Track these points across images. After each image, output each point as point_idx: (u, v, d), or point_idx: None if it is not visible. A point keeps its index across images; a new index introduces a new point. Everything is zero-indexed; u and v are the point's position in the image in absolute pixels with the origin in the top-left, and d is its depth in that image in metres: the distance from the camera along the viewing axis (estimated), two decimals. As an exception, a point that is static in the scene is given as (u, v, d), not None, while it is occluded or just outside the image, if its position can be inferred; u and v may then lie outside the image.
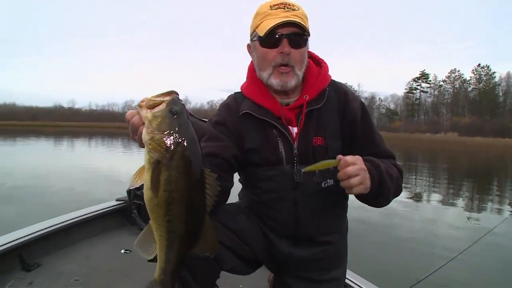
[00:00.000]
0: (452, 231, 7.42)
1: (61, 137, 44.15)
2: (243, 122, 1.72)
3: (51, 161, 17.96)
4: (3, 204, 8.20)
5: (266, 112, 1.69)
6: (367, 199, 1.59)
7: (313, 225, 1.72)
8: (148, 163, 1.06)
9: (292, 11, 1.61)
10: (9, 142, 32.45)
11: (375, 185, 1.51)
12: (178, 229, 1.12)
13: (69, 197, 8.69)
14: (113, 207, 3.98)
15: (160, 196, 1.07)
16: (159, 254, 1.15)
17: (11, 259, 2.79)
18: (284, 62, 1.62)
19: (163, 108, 1.06)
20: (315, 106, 1.68)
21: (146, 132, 1.06)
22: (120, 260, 3.14)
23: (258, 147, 1.69)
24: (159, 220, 1.10)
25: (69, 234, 3.42)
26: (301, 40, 1.63)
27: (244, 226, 1.73)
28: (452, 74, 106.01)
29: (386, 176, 1.56)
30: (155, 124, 1.05)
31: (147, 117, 1.06)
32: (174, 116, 1.06)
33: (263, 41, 1.64)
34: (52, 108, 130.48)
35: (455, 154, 35.30)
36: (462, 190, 13.62)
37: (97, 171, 13.56)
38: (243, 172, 1.84)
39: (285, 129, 1.67)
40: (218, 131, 1.71)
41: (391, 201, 1.68)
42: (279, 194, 1.69)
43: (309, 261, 1.76)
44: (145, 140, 1.07)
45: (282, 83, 1.65)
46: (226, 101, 1.84)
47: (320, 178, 1.68)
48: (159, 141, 1.05)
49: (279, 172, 1.67)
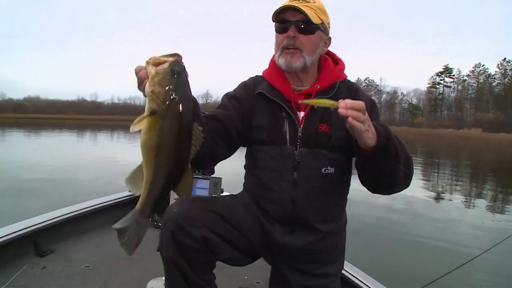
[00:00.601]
0: (474, 230, 7.31)
1: (84, 130, 45.02)
2: (256, 100, 1.83)
3: (74, 154, 18.32)
4: (27, 195, 8.43)
5: (278, 94, 1.80)
6: (372, 156, 1.48)
7: (310, 209, 1.76)
8: (147, 111, 1.22)
9: (305, 2, 1.71)
10: (33, 135, 33.15)
11: (382, 140, 1.45)
12: (163, 170, 1.28)
13: (92, 188, 8.85)
14: (126, 198, 4.08)
15: (153, 140, 1.23)
16: (143, 189, 1.30)
17: (26, 245, 2.93)
18: (290, 44, 1.73)
19: (165, 67, 1.22)
20: (323, 96, 1.73)
21: (148, 85, 1.23)
22: None
23: (265, 124, 1.79)
24: (149, 160, 1.26)
25: (82, 222, 3.54)
26: (308, 28, 1.72)
27: (241, 217, 1.82)
28: (477, 68, 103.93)
29: (395, 139, 1.52)
30: (157, 79, 1.21)
31: (151, 73, 1.22)
32: (173, 75, 1.22)
33: (276, 27, 1.78)
34: (75, 101, 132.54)
35: (478, 150, 34.68)
36: (485, 188, 13.38)
37: (118, 163, 13.73)
38: (247, 152, 1.94)
39: (292, 112, 1.76)
40: (230, 103, 1.84)
41: (400, 185, 1.59)
42: (280, 174, 1.76)
43: (304, 251, 1.79)
44: (147, 91, 1.23)
45: (287, 63, 1.74)
46: (245, 81, 1.96)
47: (321, 163, 1.73)
48: (158, 94, 1.21)
49: (282, 151, 1.76)
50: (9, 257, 2.78)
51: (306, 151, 1.73)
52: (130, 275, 2.79)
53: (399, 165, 1.52)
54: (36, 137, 31.18)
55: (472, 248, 5.50)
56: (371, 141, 1.42)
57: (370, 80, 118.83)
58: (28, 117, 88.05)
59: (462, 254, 5.39)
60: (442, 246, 6.05)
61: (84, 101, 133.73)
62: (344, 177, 1.83)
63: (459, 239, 6.51)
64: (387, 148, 1.46)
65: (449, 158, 25.18)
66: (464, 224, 7.77)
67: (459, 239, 6.47)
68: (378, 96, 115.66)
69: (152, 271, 2.58)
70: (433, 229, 7.11)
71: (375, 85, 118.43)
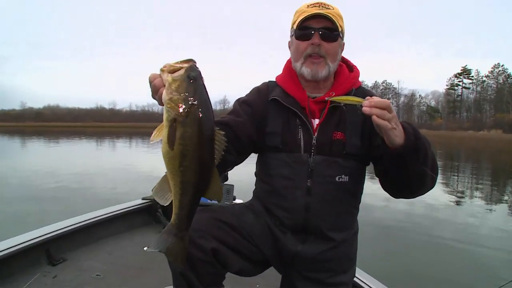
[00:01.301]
0: (498, 233, 7.15)
1: (102, 137, 45.47)
2: (270, 107, 1.81)
3: (93, 161, 18.55)
4: (46, 202, 8.57)
5: (293, 101, 1.78)
6: (403, 155, 1.43)
7: (323, 217, 1.73)
8: (166, 120, 1.20)
9: (326, 9, 1.70)
10: (53, 143, 33.64)
11: (410, 137, 1.42)
12: (190, 178, 1.25)
13: (111, 195, 8.93)
14: (139, 206, 4.09)
15: (176, 149, 1.20)
16: (174, 201, 1.28)
17: (38, 254, 2.96)
18: (315, 52, 1.71)
19: (181, 73, 1.19)
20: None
21: (166, 93, 1.20)
22: (141, 257, 3.23)
23: (279, 131, 1.77)
24: (174, 171, 1.24)
25: (95, 231, 3.56)
26: (332, 35, 1.71)
27: (251, 226, 1.79)
28: (496, 69, 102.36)
29: (424, 138, 1.49)
30: (174, 86, 1.19)
31: (168, 80, 1.20)
32: (190, 80, 1.19)
33: (297, 34, 1.75)
34: (94, 109, 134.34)
35: (499, 153, 34.04)
36: (507, 192, 13.10)
37: (137, 170, 13.84)
38: (259, 159, 1.90)
39: (307, 119, 1.74)
40: (242, 109, 1.81)
41: (425, 187, 1.55)
42: (293, 182, 1.73)
43: (317, 260, 1.76)
44: (164, 100, 1.20)
45: (313, 72, 1.72)
46: (258, 86, 1.94)
47: (335, 171, 1.71)
48: (177, 101, 1.18)
49: (296, 158, 1.73)
50: (22, 266, 2.81)
51: (320, 159, 1.70)
52: (141, 284, 2.79)
53: (426, 167, 1.49)
54: (56, 145, 31.63)
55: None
56: (398, 139, 1.39)
57: (388, 83, 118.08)
58: (47, 125, 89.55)
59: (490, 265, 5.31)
60: (460, 252, 5.93)
61: (103, 108, 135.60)
62: (357, 186, 1.81)
63: (481, 244, 6.37)
64: (416, 147, 1.43)
65: (469, 161, 24.77)
66: (487, 228, 7.61)
67: (481, 244, 6.34)
68: (396, 99, 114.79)
69: (163, 280, 2.59)
70: (453, 234, 6.97)
71: (393, 88, 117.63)
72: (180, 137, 1.19)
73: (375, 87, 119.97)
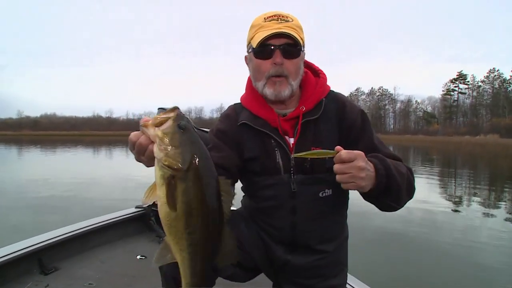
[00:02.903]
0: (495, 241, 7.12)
1: (99, 146, 45.37)
2: (242, 132, 1.75)
3: (89, 169, 18.48)
4: (41, 210, 8.53)
5: (263, 122, 1.72)
6: (374, 196, 1.48)
7: (310, 233, 1.72)
8: (162, 178, 1.06)
9: (285, 22, 1.62)
10: (49, 152, 33.56)
11: (382, 180, 1.42)
12: (199, 240, 1.12)
13: (107, 203, 8.85)
14: (132, 214, 4.08)
15: (179, 208, 1.07)
16: (182, 270, 1.14)
17: (30, 263, 2.94)
18: (278, 73, 1.64)
19: (171, 124, 1.07)
20: (311, 117, 1.69)
21: (158, 149, 1.07)
22: (134, 265, 3.23)
23: (257, 156, 1.72)
24: (179, 234, 1.10)
25: (88, 240, 3.54)
26: (294, 51, 1.64)
27: (242, 232, 1.78)
28: (491, 73, 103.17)
29: (395, 171, 1.47)
30: (167, 140, 1.06)
31: (157, 135, 1.07)
32: (182, 130, 1.07)
33: (256, 52, 1.66)
34: (91, 117, 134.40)
35: (496, 157, 34.07)
36: (504, 197, 13.08)
37: (133, 179, 13.78)
38: (243, 180, 1.87)
39: (281, 140, 1.68)
40: (220, 141, 1.75)
41: (404, 205, 1.59)
42: (277, 202, 1.71)
43: (307, 268, 1.76)
44: (159, 157, 1.07)
45: (276, 93, 1.66)
46: (226, 111, 1.89)
47: (318, 187, 1.68)
48: (174, 156, 1.06)
49: (277, 181, 1.69)
50: (13, 275, 2.79)
51: (302, 178, 1.67)
52: None
53: (401, 195, 1.52)
54: (52, 153, 31.54)
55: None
56: (368, 186, 1.40)
57: (384, 89, 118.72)
58: (44, 134, 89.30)
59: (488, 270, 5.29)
60: (457, 257, 5.90)
61: (100, 117, 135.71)
62: (342, 196, 1.79)
63: (479, 249, 6.35)
64: (387, 187, 1.45)
65: (466, 167, 24.74)
66: (482, 236, 7.59)
67: (480, 249, 6.31)
68: (393, 105, 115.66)
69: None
70: (451, 239, 6.95)
71: (389, 94, 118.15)
72: (183, 194, 1.06)
73: (371, 94, 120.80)
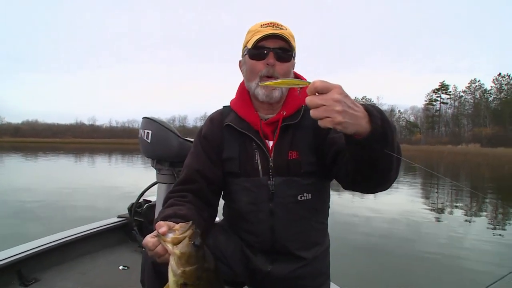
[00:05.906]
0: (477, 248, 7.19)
1: (81, 153, 44.94)
2: (225, 133, 1.81)
3: (71, 177, 18.25)
4: (21, 220, 8.35)
5: (246, 125, 1.78)
6: (367, 144, 1.20)
7: (289, 237, 1.74)
8: (175, 284, 1.17)
9: (280, 29, 1.69)
10: (31, 159, 33.09)
11: (377, 122, 1.19)
12: None
13: (89, 212, 8.73)
14: (115, 224, 4.00)
15: None
16: None
17: (9, 275, 2.85)
18: (269, 73, 1.69)
19: (187, 243, 1.18)
20: (291, 121, 1.74)
21: (176, 265, 1.17)
22: (116, 276, 3.16)
23: (236, 156, 1.77)
24: None
25: (69, 250, 3.46)
26: (286, 55, 1.71)
27: (223, 245, 1.80)
28: (472, 84, 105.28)
29: (390, 120, 1.26)
30: (184, 260, 1.17)
31: (176, 254, 1.17)
32: (197, 248, 1.18)
33: (251, 53, 1.73)
34: (74, 124, 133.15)
35: (477, 166, 34.60)
36: (486, 206, 13.26)
37: (116, 186, 13.64)
38: (222, 185, 1.89)
39: (261, 142, 1.74)
40: (202, 146, 1.83)
41: (393, 180, 1.39)
42: (255, 206, 1.73)
43: (288, 278, 1.76)
44: (176, 272, 1.16)
45: (267, 93, 1.71)
46: (212, 114, 1.95)
47: (296, 190, 1.70)
48: (191, 273, 1.16)
49: (255, 183, 1.73)
50: None
51: (280, 180, 1.70)
52: None
53: (395, 149, 1.27)
54: (34, 161, 31.10)
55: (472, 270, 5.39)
56: (353, 127, 1.14)
57: (367, 99, 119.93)
58: (26, 141, 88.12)
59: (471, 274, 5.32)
60: (441, 264, 5.94)
61: (82, 124, 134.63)
62: (322, 201, 1.81)
63: (461, 255, 6.40)
64: (383, 132, 1.21)
65: (449, 175, 25.04)
66: (465, 243, 7.66)
67: (462, 256, 6.37)
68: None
69: None
70: (434, 247, 7.00)
71: (372, 103, 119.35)
72: None
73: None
